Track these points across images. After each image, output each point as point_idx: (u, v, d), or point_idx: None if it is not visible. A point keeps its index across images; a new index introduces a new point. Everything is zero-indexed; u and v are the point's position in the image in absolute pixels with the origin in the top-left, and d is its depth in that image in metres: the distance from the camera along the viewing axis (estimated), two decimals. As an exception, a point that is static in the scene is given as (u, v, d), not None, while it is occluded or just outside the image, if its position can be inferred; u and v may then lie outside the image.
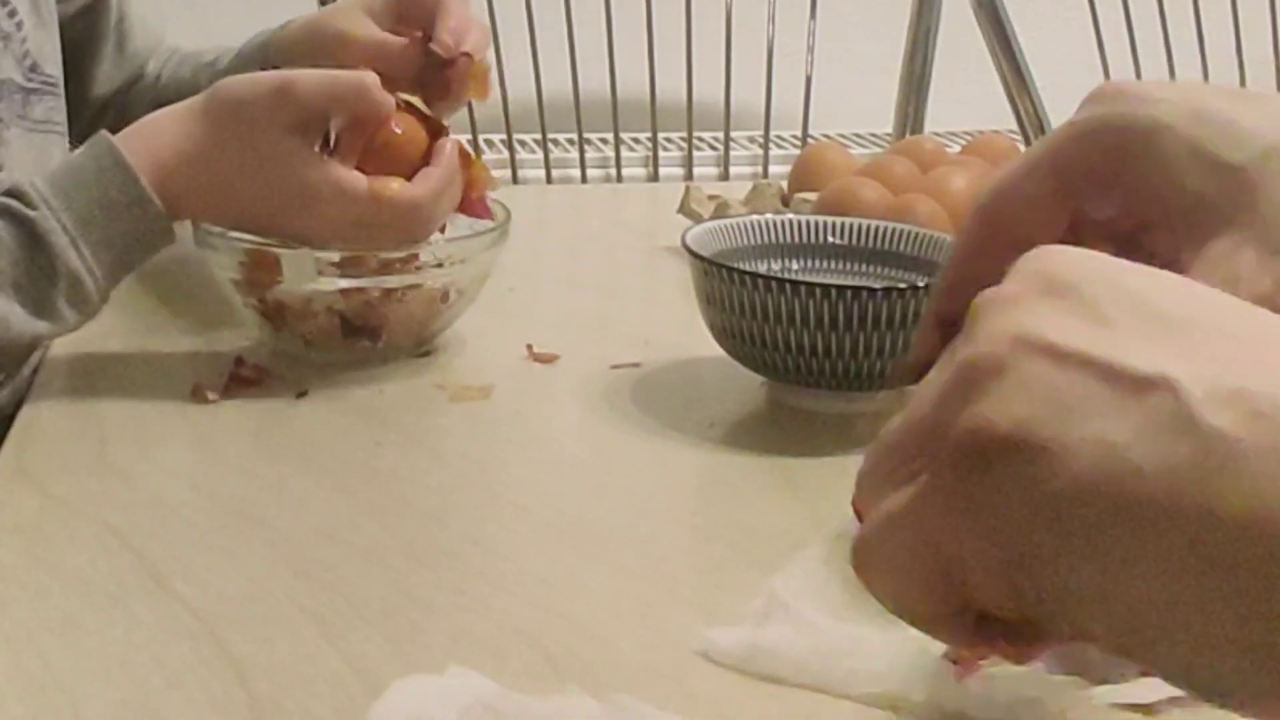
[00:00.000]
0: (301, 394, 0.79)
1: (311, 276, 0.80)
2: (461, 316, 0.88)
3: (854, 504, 0.41)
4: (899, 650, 0.52)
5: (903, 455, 0.38)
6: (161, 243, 0.80)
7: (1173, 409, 0.33)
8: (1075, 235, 0.58)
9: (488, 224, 0.87)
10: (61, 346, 0.86)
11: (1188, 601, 0.33)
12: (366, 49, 0.91)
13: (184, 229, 0.82)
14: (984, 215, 0.58)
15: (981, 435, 0.35)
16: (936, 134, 1.85)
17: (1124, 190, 0.55)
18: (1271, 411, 0.32)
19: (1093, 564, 0.33)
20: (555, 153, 1.75)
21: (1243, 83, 1.77)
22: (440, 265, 0.83)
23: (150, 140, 0.79)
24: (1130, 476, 0.33)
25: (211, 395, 0.78)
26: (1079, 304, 0.35)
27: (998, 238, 0.57)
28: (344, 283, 0.81)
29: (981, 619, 0.38)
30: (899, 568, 0.38)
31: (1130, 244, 0.56)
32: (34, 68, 0.94)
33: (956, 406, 0.36)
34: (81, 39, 1.06)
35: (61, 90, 0.98)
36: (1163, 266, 0.47)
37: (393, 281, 0.81)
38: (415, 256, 0.82)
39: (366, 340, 0.83)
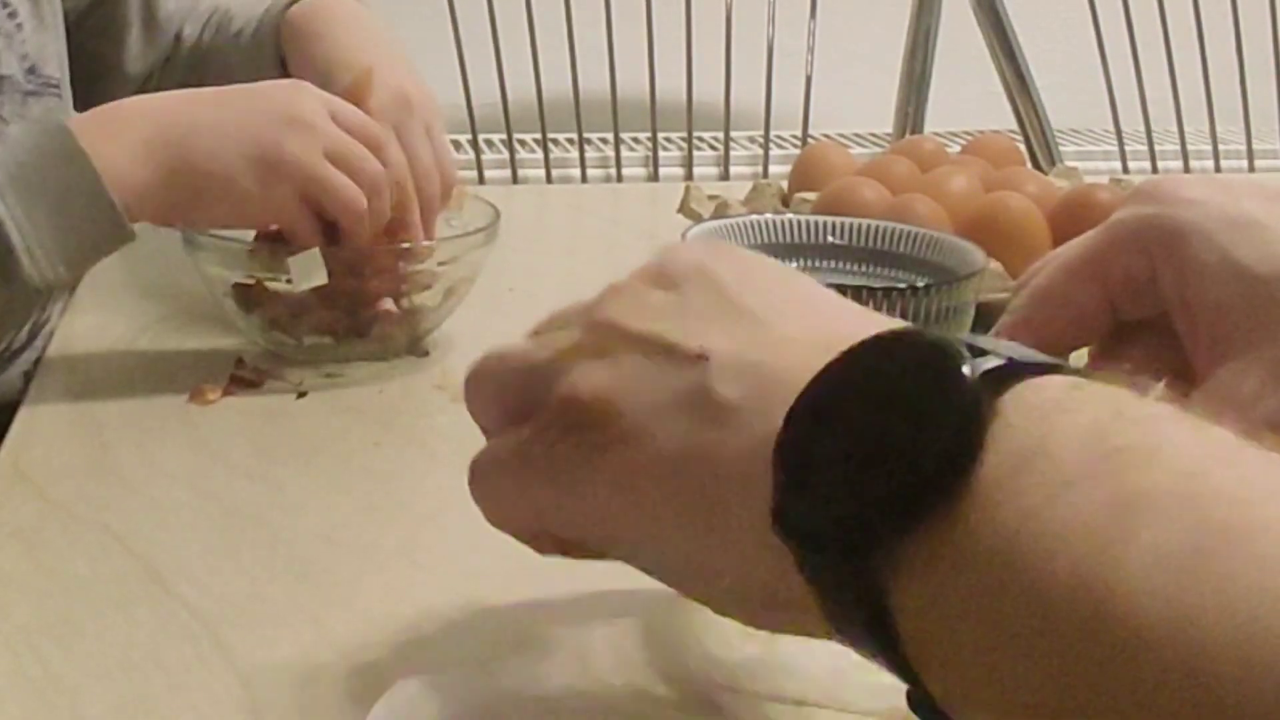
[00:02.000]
0: (301, 395, 0.79)
1: (320, 274, 0.79)
2: (460, 316, 0.88)
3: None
4: None
5: (516, 393, 0.46)
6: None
7: (698, 380, 0.39)
8: (1120, 337, 0.57)
9: (477, 224, 0.86)
10: (60, 348, 0.86)
11: (710, 548, 0.39)
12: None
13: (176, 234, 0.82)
14: (1025, 321, 0.58)
15: (568, 402, 0.42)
16: (936, 134, 1.85)
17: (1157, 295, 0.54)
18: (767, 373, 0.38)
19: (644, 517, 0.41)
20: (555, 153, 1.75)
21: (1242, 83, 1.77)
22: (430, 264, 0.83)
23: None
24: (667, 439, 0.39)
25: (211, 396, 0.78)
26: (675, 293, 0.42)
27: (1039, 337, 0.57)
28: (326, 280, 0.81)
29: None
30: (503, 501, 0.46)
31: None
32: (33, 69, 0.93)
33: (561, 375, 0.43)
34: (102, 30, 1.04)
35: (63, 91, 0.97)
36: (1190, 373, 0.53)
37: (382, 280, 0.82)
38: (405, 255, 0.82)
39: (354, 339, 0.83)
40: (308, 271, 0.79)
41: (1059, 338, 0.57)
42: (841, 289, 0.73)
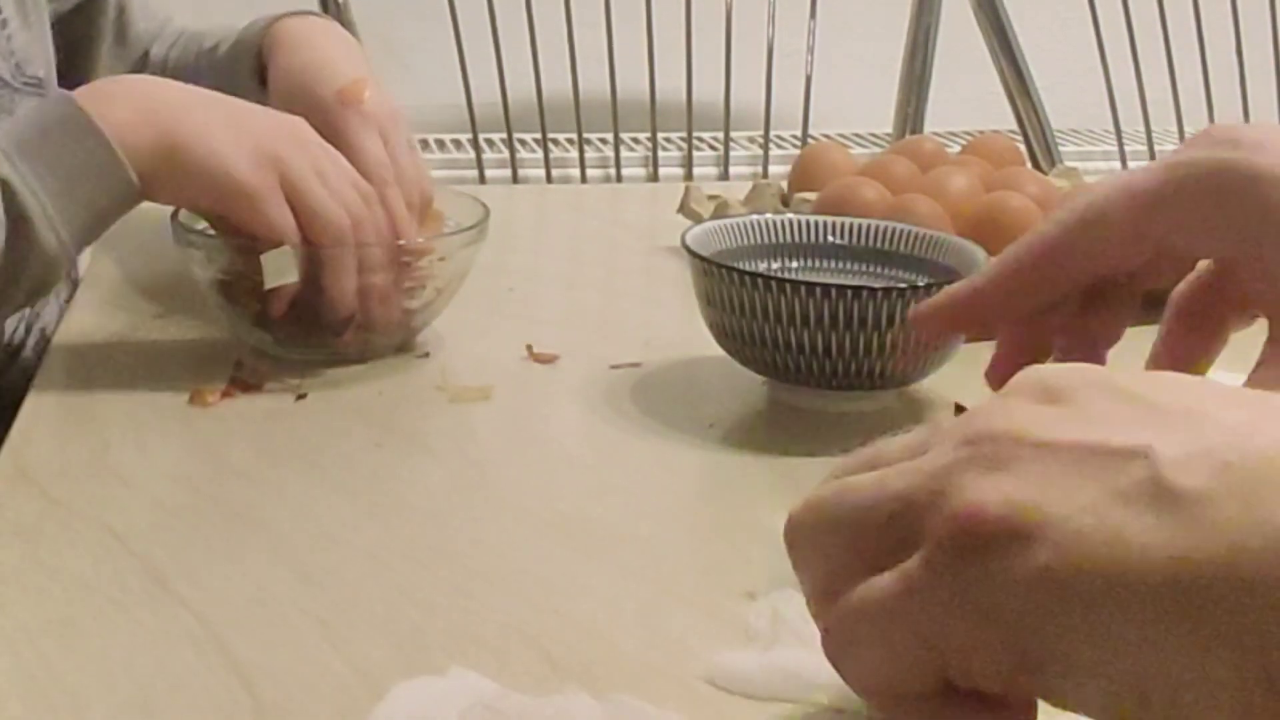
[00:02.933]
0: (301, 396, 0.79)
1: (291, 274, 0.79)
2: (460, 317, 0.88)
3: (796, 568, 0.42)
4: None
5: (876, 534, 0.39)
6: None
7: (1147, 476, 0.35)
8: (1155, 267, 0.59)
9: (467, 221, 0.86)
10: (61, 348, 0.86)
11: (1183, 662, 0.34)
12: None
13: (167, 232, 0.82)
14: (1059, 237, 0.58)
15: (975, 519, 0.36)
16: (936, 134, 1.85)
17: (1221, 231, 0.55)
18: (1239, 460, 0.34)
19: (1089, 636, 0.35)
20: (555, 153, 1.75)
21: (1243, 82, 1.77)
22: (418, 262, 0.83)
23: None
24: (1115, 541, 0.34)
25: (211, 398, 0.78)
26: (1070, 406, 0.38)
27: (1066, 258, 0.58)
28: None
29: (952, 698, 0.39)
30: (879, 654, 0.39)
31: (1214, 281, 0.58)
32: (19, 68, 0.94)
33: (946, 496, 0.37)
34: (78, 37, 1.06)
35: (48, 90, 0.98)
36: (1244, 304, 0.54)
37: (372, 278, 0.81)
38: (394, 254, 0.82)
39: (335, 336, 0.83)
40: (279, 269, 0.79)
41: (1088, 251, 0.58)
42: (841, 289, 0.73)
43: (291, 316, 0.82)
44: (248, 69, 0.97)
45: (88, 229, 0.79)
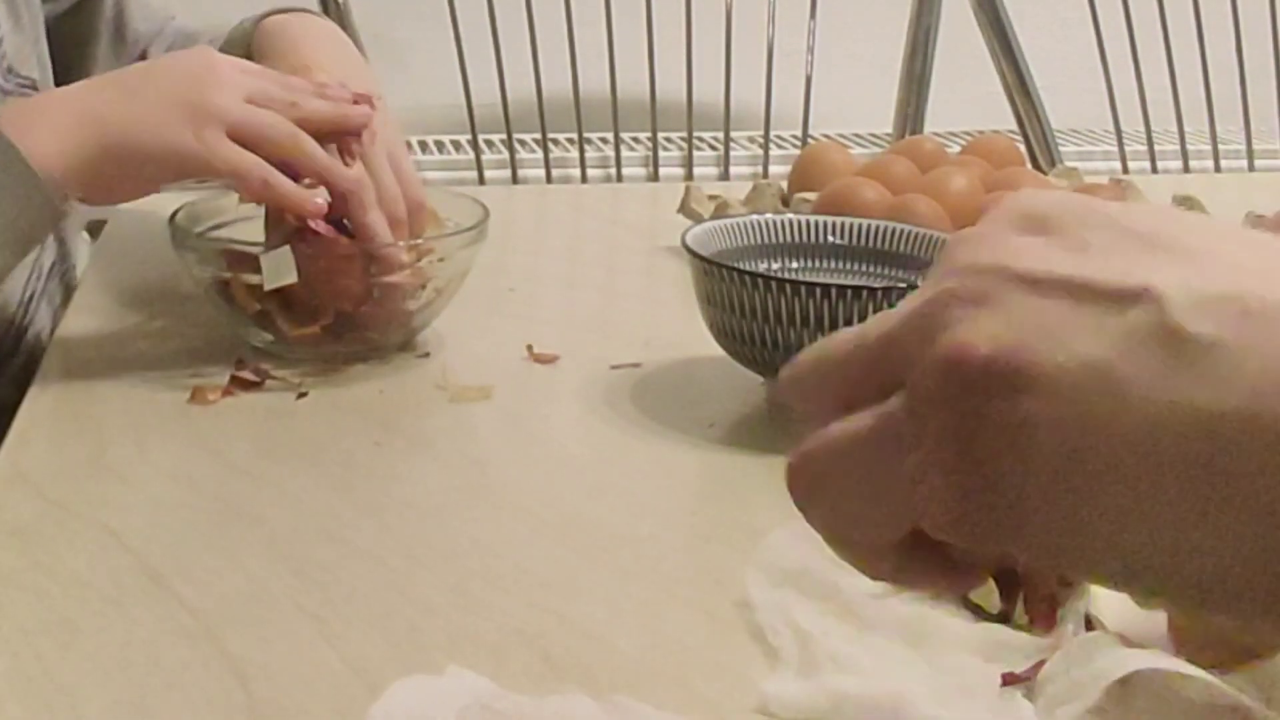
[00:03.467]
0: (301, 395, 0.79)
1: (290, 274, 0.79)
2: (461, 316, 0.88)
3: (782, 394, 0.39)
4: (956, 682, 0.52)
5: (859, 372, 0.36)
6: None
7: (1155, 320, 0.31)
8: None
9: (466, 222, 0.86)
10: (60, 348, 0.86)
11: (1191, 531, 0.30)
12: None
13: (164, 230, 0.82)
14: None
15: (961, 359, 0.32)
16: (936, 134, 1.85)
17: None
18: (1260, 308, 0.30)
19: (1077, 496, 0.31)
20: (555, 153, 1.75)
21: (1242, 83, 1.77)
22: (417, 262, 0.83)
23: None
24: (1118, 395, 0.31)
25: (211, 396, 0.78)
26: (1055, 234, 0.34)
27: None
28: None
29: (913, 548, 0.36)
30: (846, 493, 0.36)
31: None
32: (10, 69, 0.93)
33: (932, 332, 0.33)
34: (73, 38, 1.06)
35: (42, 90, 0.97)
36: None
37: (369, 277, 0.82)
38: (391, 254, 0.82)
39: (332, 336, 0.83)
40: (278, 270, 0.79)
41: None
42: (841, 289, 0.73)
43: (290, 316, 0.82)
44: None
45: (11, 249, 0.78)
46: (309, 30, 0.95)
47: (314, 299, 0.81)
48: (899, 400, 0.34)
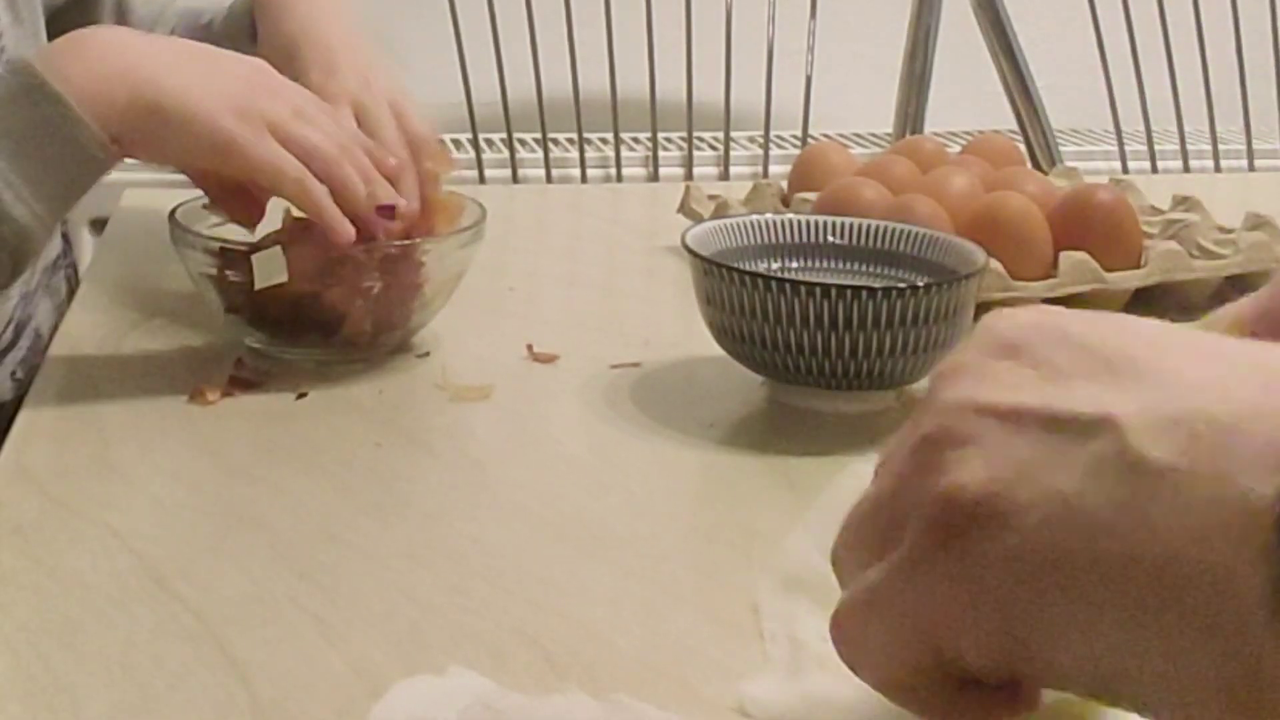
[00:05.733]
0: (301, 395, 0.79)
1: (281, 274, 0.79)
2: (461, 316, 0.88)
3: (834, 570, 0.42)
4: None
5: (874, 530, 0.39)
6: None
7: (1115, 449, 0.33)
8: None
9: (464, 222, 0.86)
10: (61, 347, 0.86)
11: (1161, 651, 0.33)
12: None
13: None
14: None
15: (953, 503, 0.36)
16: (936, 134, 1.85)
17: None
18: (1207, 431, 0.32)
19: (1068, 616, 0.34)
20: (555, 153, 1.75)
21: (1242, 83, 1.77)
22: (414, 262, 0.83)
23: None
24: (1086, 524, 0.33)
25: (211, 396, 0.78)
26: (1028, 361, 0.37)
27: None
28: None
29: (962, 687, 0.38)
30: (882, 642, 0.39)
31: None
32: (10, 63, 0.93)
33: (926, 478, 0.37)
34: (74, 28, 1.05)
35: None
36: None
37: (365, 278, 0.82)
38: (387, 254, 0.82)
39: (326, 335, 0.83)
40: (268, 270, 0.79)
41: None
42: (841, 289, 0.73)
43: (288, 316, 0.82)
44: (244, 37, 0.97)
45: (59, 197, 0.77)
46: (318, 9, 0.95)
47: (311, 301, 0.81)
48: (904, 546, 0.37)
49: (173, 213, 0.84)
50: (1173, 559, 0.32)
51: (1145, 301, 0.95)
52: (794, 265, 0.85)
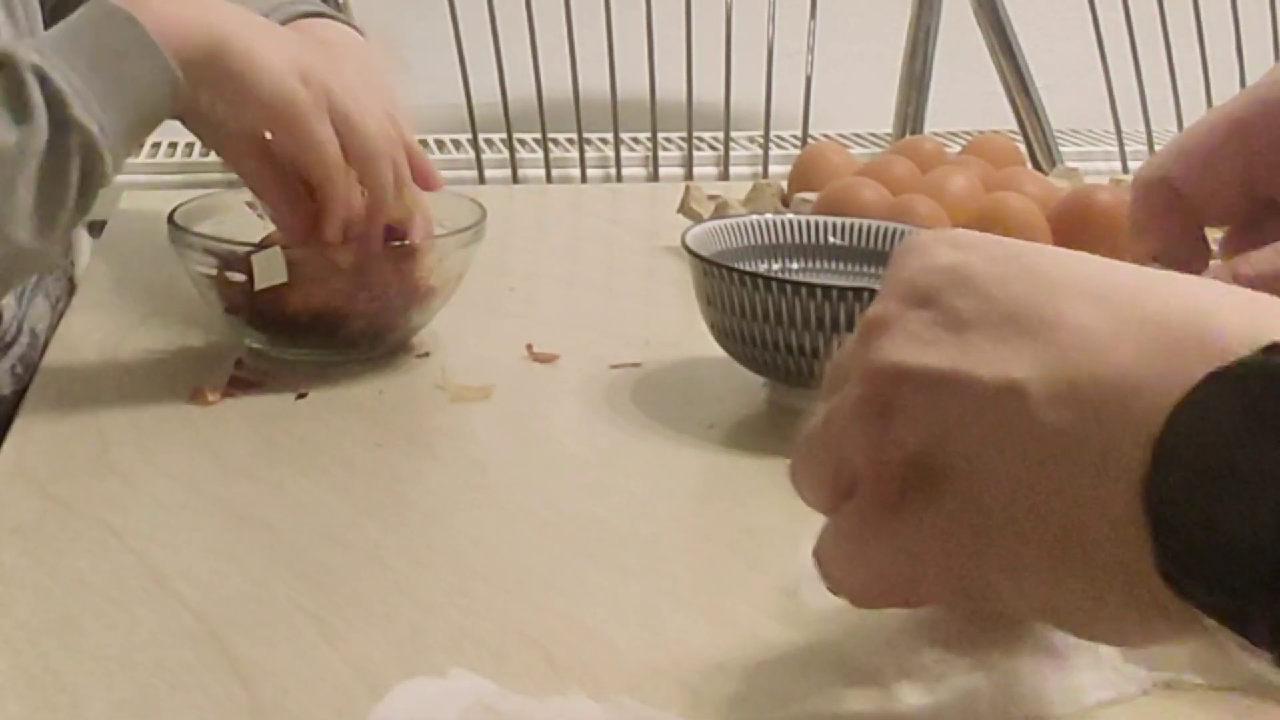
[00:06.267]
0: (301, 395, 0.79)
1: (281, 274, 0.79)
2: (461, 316, 0.88)
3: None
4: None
5: (824, 466, 0.44)
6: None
7: (1019, 414, 0.36)
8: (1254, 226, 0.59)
9: (461, 222, 0.86)
10: (61, 347, 0.86)
11: (1083, 591, 0.37)
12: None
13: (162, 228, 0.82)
14: (1164, 179, 0.59)
15: (883, 474, 0.40)
16: (936, 134, 1.85)
17: None
18: (1095, 394, 0.35)
19: (1003, 570, 0.38)
20: (555, 153, 1.75)
21: (1242, 83, 1.77)
22: (414, 263, 0.83)
23: None
24: (1004, 480, 0.37)
25: (211, 396, 0.78)
26: (939, 311, 0.40)
27: (1172, 214, 0.59)
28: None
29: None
30: (855, 577, 0.43)
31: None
32: None
33: (861, 440, 0.41)
34: None
35: None
36: None
37: (365, 278, 0.82)
38: (387, 254, 0.82)
39: (328, 336, 0.83)
40: (269, 270, 0.79)
41: (1200, 202, 0.58)
42: (842, 289, 0.73)
43: (287, 317, 0.82)
44: None
45: (129, 119, 0.75)
46: (344, 49, 0.95)
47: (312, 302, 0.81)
48: (856, 505, 0.42)
49: (171, 214, 0.84)
50: (1073, 516, 0.36)
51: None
52: (794, 266, 0.85)
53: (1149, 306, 0.36)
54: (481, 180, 1.71)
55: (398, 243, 0.82)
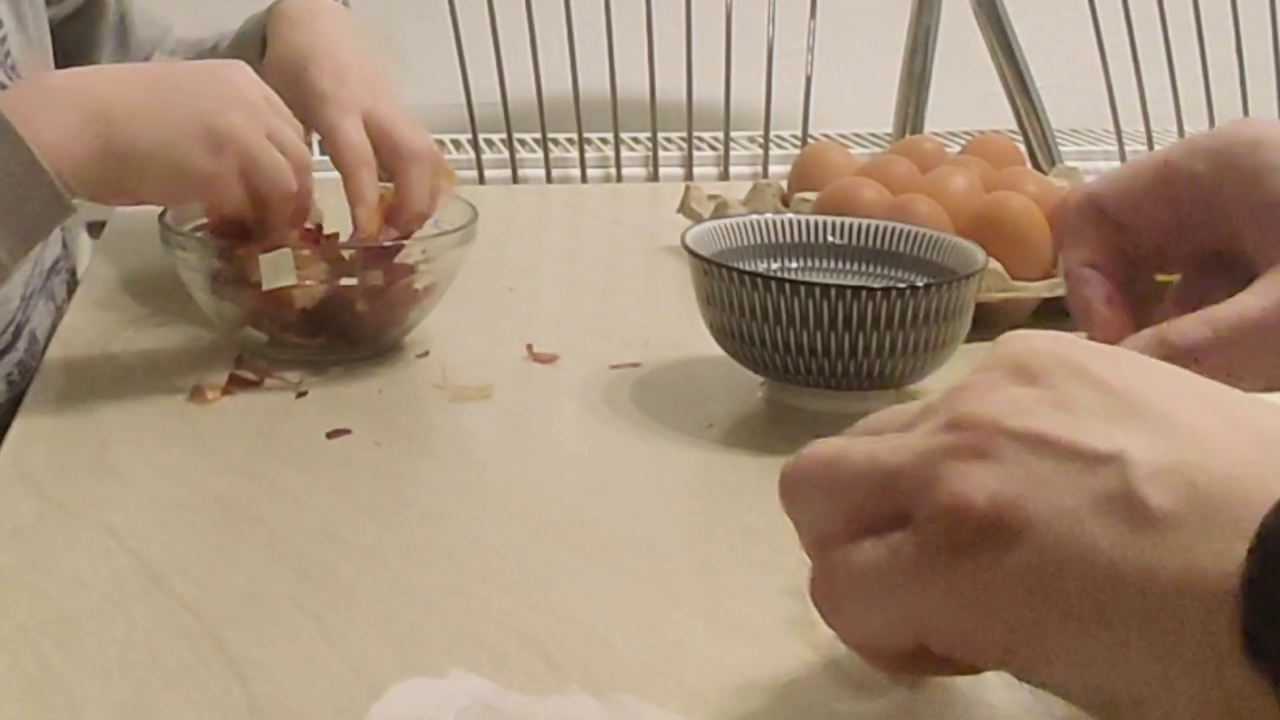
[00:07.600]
0: (301, 394, 0.79)
1: (289, 275, 0.79)
2: (460, 316, 0.88)
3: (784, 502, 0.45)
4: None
5: (865, 498, 0.42)
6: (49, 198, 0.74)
7: (1121, 486, 0.36)
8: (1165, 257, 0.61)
9: (454, 222, 0.86)
10: (60, 347, 0.86)
11: (1148, 671, 0.36)
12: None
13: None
14: (1089, 205, 0.61)
15: (963, 512, 0.38)
16: (936, 134, 1.85)
17: (1221, 200, 0.57)
18: (1207, 481, 0.36)
19: (1065, 635, 0.37)
20: (555, 152, 1.75)
21: (1242, 83, 1.77)
22: (407, 263, 0.83)
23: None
24: (1089, 549, 0.36)
25: (211, 395, 0.78)
26: (1048, 391, 0.39)
27: (1101, 229, 0.60)
28: (309, 280, 0.81)
29: (926, 656, 0.41)
30: (867, 616, 0.42)
31: (1220, 264, 0.59)
32: (15, 73, 0.93)
33: (935, 484, 0.39)
34: (77, 43, 1.06)
35: None
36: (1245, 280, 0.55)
37: (356, 279, 0.81)
38: (383, 254, 0.82)
39: (325, 338, 0.83)
40: (277, 271, 0.79)
41: (1133, 234, 0.60)
42: (841, 289, 0.73)
43: (286, 316, 0.82)
44: (253, 56, 0.97)
45: (18, 238, 0.76)
46: (323, 11, 0.96)
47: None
48: (909, 540, 0.40)
49: (162, 215, 0.84)
50: (1161, 596, 0.35)
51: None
52: (794, 265, 0.85)
53: (1264, 423, 0.37)
54: (481, 180, 1.71)
55: (388, 242, 0.83)
